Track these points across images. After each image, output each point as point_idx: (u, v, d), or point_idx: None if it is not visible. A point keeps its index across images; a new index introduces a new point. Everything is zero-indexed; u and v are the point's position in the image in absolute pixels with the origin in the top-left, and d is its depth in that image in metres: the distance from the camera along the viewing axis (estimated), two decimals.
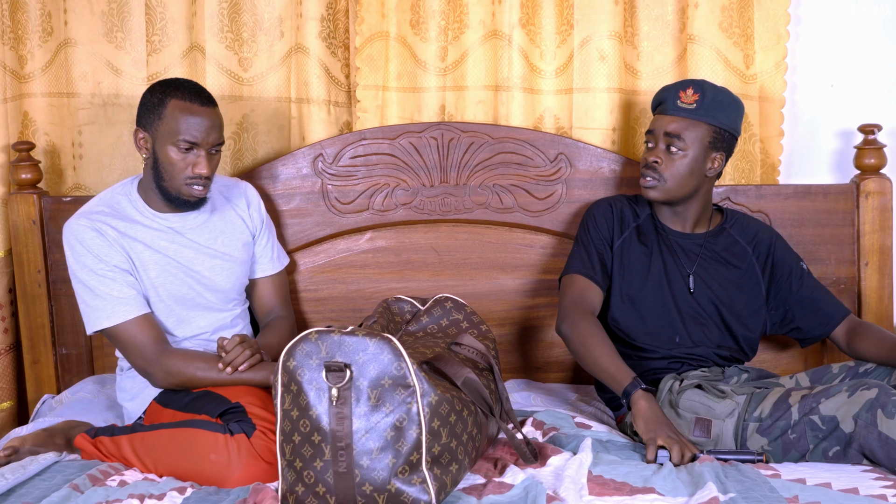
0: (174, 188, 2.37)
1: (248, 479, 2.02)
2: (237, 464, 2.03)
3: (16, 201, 2.78)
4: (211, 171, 2.37)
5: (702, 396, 2.25)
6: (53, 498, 1.88)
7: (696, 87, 2.43)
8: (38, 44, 2.87)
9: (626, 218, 2.54)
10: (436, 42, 2.83)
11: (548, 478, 1.96)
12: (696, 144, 2.42)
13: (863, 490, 1.88)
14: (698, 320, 2.45)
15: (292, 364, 1.84)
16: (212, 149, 2.37)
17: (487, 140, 2.79)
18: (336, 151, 2.81)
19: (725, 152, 2.46)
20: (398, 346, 1.82)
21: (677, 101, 2.43)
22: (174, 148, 2.33)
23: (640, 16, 2.82)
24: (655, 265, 2.48)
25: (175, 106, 2.33)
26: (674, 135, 2.41)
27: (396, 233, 2.81)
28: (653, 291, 2.46)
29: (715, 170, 2.46)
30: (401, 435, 1.80)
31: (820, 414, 2.10)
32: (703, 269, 2.49)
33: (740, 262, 2.51)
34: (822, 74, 2.88)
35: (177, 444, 2.12)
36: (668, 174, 2.43)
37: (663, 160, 2.42)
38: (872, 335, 2.40)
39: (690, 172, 2.43)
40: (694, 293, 2.46)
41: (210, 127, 2.35)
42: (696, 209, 2.51)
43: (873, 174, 2.76)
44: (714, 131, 2.42)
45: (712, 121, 2.42)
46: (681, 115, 2.42)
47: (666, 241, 2.51)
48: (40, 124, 2.89)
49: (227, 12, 2.83)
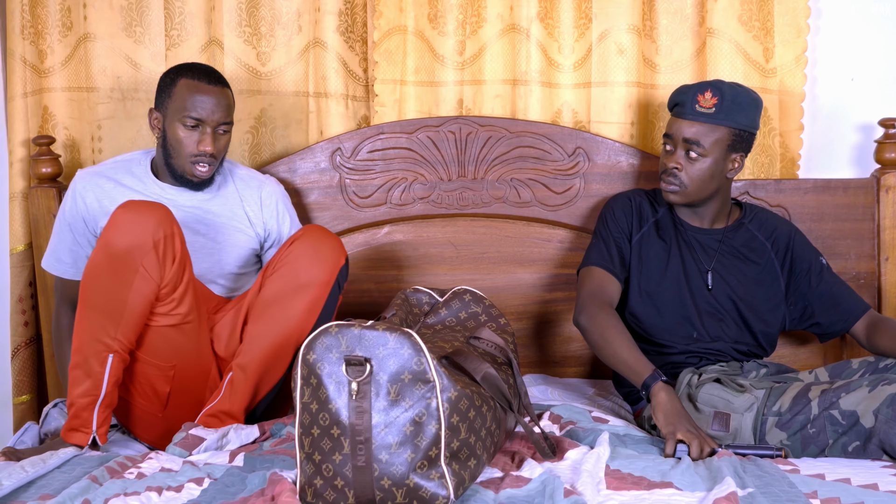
0: (179, 166, 2.44)
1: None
2: None
3: (36, 195, 2.80)
4: (217, 150, 2.42)
5: (720, 390, 2.24)
6: (73, 489, 1.89)
7: (714, 89, 2.39)
8: (58, 38, 2.88)
9: (644, 212, 2.53)
10: (454, 36, 2.83)
11: (565, 472, 1.96)
12: (716, 148, 2.40)
13: (882, 486, 1.87)
14: (716, 316, 2.45)
15: (312, 357, 1.84)
16: (219, 128, 2.42)
17: (505, 134, 2.79)
18: (354, 145, 2.81)
19: (745, 151, 2.45)
20: (418, 341, 1.82)
21: (695, 106, 2.39)
22: (181, 125, 2.41)
23: (659, 9, 2.81)
24: (674, 261, 2.47)
25: (184, 84, 2.41)
26: (693, 141, 2.39)
27: (414, 227, 2.81)
28: (671, 287, 2.46)
29: (735, 170, 2.44)
30: (420, 430, 1.80)
31: (840, 408, 2.09)
32: (722, 265, 2.48)
33: (759, 258, 2.50)
34: (843, 68, 2.86)
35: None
36: (689, 179, 2.41)
37: (683, 165, 2.40)
38: (893, 330, 2.39)
39: (711, 176, 2.42)
40: (712, 290, 2.45)
41: (216, 105, 2.41)
42: (716, 206, 2.50)
43: (894, 168, 2.74)
44: (734, 133, 2.40)
45: (732, 123, 2.39)
46: (700, 121, 2.39)
47: (685, 237, 2.50)
48: (60, 119, 2.91)
49: (245, 7, 2.84)
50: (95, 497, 1.86)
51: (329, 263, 2.33)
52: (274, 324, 2.32)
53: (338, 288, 2.36)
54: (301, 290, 2.31)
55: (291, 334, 2.32)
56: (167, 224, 2.21)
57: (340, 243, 2.38)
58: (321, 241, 2.35)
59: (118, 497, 1.87)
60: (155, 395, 2.35)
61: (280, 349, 2.32)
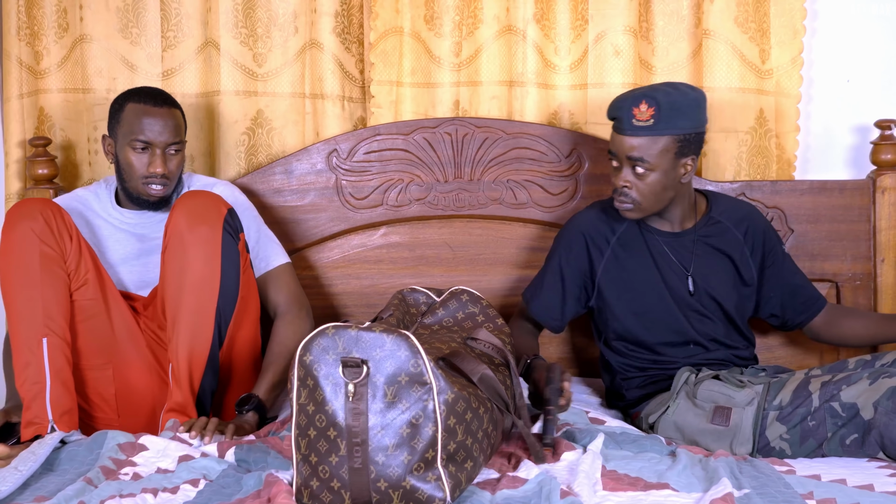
0: (134, 188, 2.49)
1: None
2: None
3: (32, 196, 2.79)
4: (168, 171, 2.46)
5: (720, 386, 2.24)
6: (68, 492, 1.89)
7: (648, 100, 2.28)
8: (54, 40, 2.88)
9: (600, 238, 2.44)
10: (450, 37, 2.83)
11: (562, 472, 1.96)
12: (663, 159, 2.30)
13: (878, 487, 1.87)
14: (704, 317, 2.42)
15: (309, 358, 1.84)
16: (168, 148, 2.46)
17: (502, 135, 2.79)
18: (350, 147, 2.81)
19: (695, 153, 2.35)
20: (415, 343, 1.82)
21: (632, 120, 2.28)
22: (130, 149, 2.45)
23: (655, 10, 2.81)
24: (650, 274, 2.42)
25: (130, 109, 2.46)
26: (636, 157, 2.30)
27: (410, 228, 2.81)
28: (655, 303, 2.41)
29: (689, 174, 2.36)
30: (416, 432, 1.80)
31: (841, 401, 2.08)
32: (700, 265, 2.43)
33: (733, 251, 2.46)
34: (839, 69, 2.87)
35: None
36: (641, 196, 2.33)
37: (633, 183, 2.33)
38: (856, 312, 2.46)
39: (664, 188, 2.34)
40: (694, 294, 2.42)
41: (163, 126, 2.44)
42: (681, 208, 2.43)
43: (890, 170, 2.75)
44: (678, 140, 2.30)
45: (674, 131, 2.29)
46: (639, 135, 2.28)
47: (656, 246, 2.43)
48: (56, 120, 2.91)
49: (241, 8, 2.84)
50: (91, 499, 1.86)
51: (209, 217, 2.30)
52: (182, 296, 2.30)
53: (231, 237, 2.32)
54: (191, 256, 2.29)
55: (200, 298, 2.30)
56: (51, 205, 2.33)
57: (216, 197, 2.35)
58: (193, 204, 2.32)
59: (113, 499, 1.86)
60: (104, 401, 2.39)
61: (196, 316, 2.30)
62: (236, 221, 2.35)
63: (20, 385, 2.25)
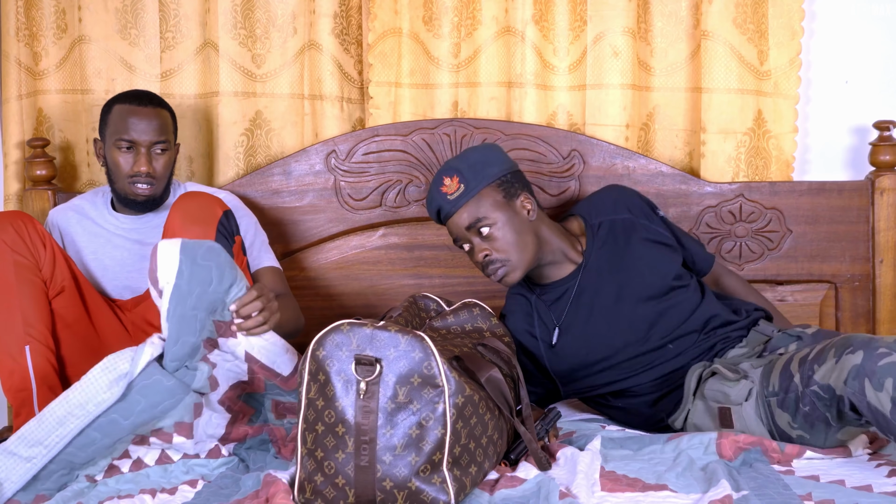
0: (121, 189, 2.50)
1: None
2: None
3: (31, 197, 2.80)
4: (154, 170, 2.47)
5: (718, 383, 2.19)
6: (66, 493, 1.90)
7: (448, 172, 2.30)
8: (53, 41, 2.88)
9: (527, 311, 2.39)
10: (449, 38, 2.83)
11: (560, 473, 1.96)
12: (496, 209, 2.28)
13: (876, 487, 1.87)
14: (666, 324, 2.33)
15: (321, 353, 1.83)
16: (154, 147, 2.47)
17: (500, 136, 2.79)
18: (349, 148, 2.81)
19: (523, 189, 2.34)
20: (430, 345, 1.81)
21: (447, 198, 2.29)
22: (116, 149, 2.47)
23: (654, 12, 2.81)
24: (581, 312, 2.35)
25: (117, 110, 2.49)
26: (473, 224, 2.28)
27: (409, 229, 2.81)
28: (607, 343, 2.33)
29: (533, 209, 2.32)
30: (425, 434, 1.80)
31: (818, 384, 2.00)
32: (618, 282, 2.36)
33: (635, 231, 2.41)
34: (837, 70, 2.87)
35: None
36: (504, 253, 2.29)
37: (489, 247, 2.29)
38: (739, 280, 2.55)
39: (518, 232, 2.30)
40: (633, 313, 2.33)
41: (147, 125, 2.46)
42: (557, 245, 2.37)
43: (888, 171, 2.75)
44: (497, 185, 2.30)
45: (487, 180, 2.29)
46: (461, 204, 2.28)
47: (575, 297, 2.36)
48: (55, 121, 2.91)
49: (240, 9, 2.84)
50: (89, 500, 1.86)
51: (203, 217, 2.29)
52: None
53: (224, 239, 2.30)
54: None
55: None
56: (21, 216, 2.34)
57: (214, 198, 2.35)
58: (189, 205, 2.31)
59: (111, 500, 1.87)
60: None
61: None
62: (232, 224, 2.35)
63: (7, 393, 2.28)
